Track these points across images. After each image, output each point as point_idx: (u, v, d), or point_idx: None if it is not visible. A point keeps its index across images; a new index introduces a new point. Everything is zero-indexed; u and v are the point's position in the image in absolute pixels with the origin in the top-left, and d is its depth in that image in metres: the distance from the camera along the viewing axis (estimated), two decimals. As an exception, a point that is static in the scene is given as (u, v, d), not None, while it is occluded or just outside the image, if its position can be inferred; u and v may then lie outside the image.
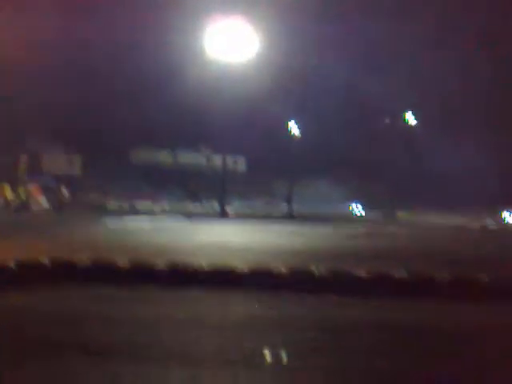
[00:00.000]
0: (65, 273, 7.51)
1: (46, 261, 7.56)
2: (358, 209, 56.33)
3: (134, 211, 36.09)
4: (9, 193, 33.11)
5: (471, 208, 50.00)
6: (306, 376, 4.17)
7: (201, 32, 34.78)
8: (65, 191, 33.64)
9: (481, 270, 8.19)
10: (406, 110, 52.78)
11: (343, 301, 7.09)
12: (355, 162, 52.71)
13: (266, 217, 36.75)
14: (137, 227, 21.16)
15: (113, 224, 22.12)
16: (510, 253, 15.00)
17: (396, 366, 4.48)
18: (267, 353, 4.67)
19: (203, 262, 8.30)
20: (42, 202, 38.18)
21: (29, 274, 7.26)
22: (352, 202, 55.46)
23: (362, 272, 7.87)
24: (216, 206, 43.62)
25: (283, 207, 46.93)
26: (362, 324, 5.95)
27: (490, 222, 46.83)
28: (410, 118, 53.51)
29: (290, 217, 39.98)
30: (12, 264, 7.30)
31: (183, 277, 7.72)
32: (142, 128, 49.48)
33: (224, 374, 4.17)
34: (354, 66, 49.86)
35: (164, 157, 60.34)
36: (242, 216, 36.56)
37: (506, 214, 53.74)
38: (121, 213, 32.16)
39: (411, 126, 53.10)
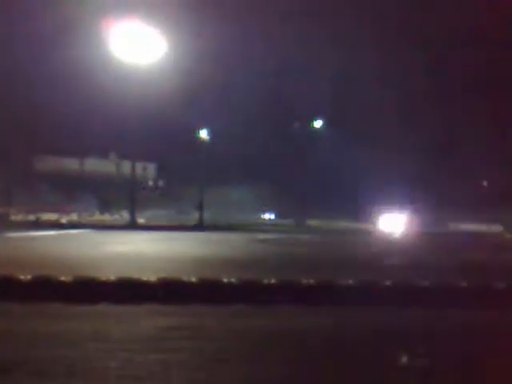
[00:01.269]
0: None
1: None
2: (269, 216, 56.93)
3: (41, 223, 34.83)
4: None
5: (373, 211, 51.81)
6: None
7: (106, 34, 34.14)
8: None
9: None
10: (315, 117, 53.77)
11: (252, 310, 7.12)
12: (266, 169, 53.35)
13: (178, 226, 36.49)
14: (42, 240, 20.48)
15: (16, 237, 21.30)
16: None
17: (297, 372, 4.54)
18: (174, 365, 4.62)
19: (111, 274, 8.12)
20: None
21: None
22: (264, 209, 56.00)
23: (270, 280, 7.94)
24: (126, 215, 42.89)
25: (195, 216, 46.75)
26: (269, 333, 5.99)
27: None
28: (319, 124, 54.49)
29: (201, 225, 39.84)
30: None
31: (89, 290, 7.53)
32: (47, 134, 48.02)
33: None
34: (263, 70, 50.39)
35: (71, 165, 58.80)
36: (153, 226, 36.12)
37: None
38: (26, 225, 30.99)
39: (320, 132, 54.16)
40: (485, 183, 61.02)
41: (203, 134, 46.01)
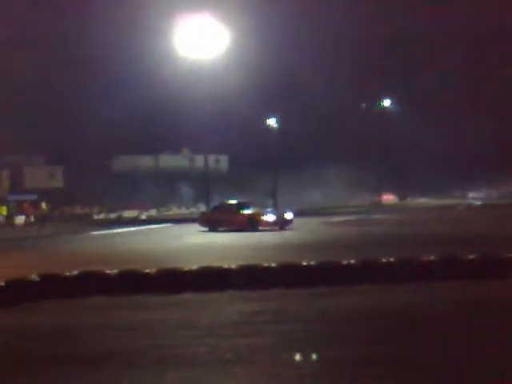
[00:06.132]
0: (54, 287, 7.47)
1: (34, 277, 7.52)
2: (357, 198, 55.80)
3: (122, 220, 35.88)
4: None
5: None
6: (302, 369, 4.20)
7: (171, 32, 34.53)
8: (44, 205, 33.31)
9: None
10: (382, 96, 52.70)
11: (332, 290, 7.14)
12: (338, 151, 52.89)
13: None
14: (124, 236, 21.07)
15: (100, 235, 22.00)
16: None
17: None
18: (260, 348, 4.70)
19: (192, 264, 8.31)
20: (29, 217, 37.68)
21: (18, 291, 7.22)
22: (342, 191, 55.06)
23: (349, 261, 7.94)
24: (202, 207, 43.53)
25: (269, 203, 46.96)
26: (351, 312, 6.00)
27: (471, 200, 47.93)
28: (387, 103, 53.34)
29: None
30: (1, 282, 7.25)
31: (173, 280, 7.72)
32: (121, 135, 49.23)
33: (218, 373, 4.18)
34: (325, 58, 49.96)
35: (146, 162, 60.14)
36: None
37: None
38: (107, 223, 31.99)
39: (389, 111, 53.04)
40: None
41: (271, 121, 46.06)
